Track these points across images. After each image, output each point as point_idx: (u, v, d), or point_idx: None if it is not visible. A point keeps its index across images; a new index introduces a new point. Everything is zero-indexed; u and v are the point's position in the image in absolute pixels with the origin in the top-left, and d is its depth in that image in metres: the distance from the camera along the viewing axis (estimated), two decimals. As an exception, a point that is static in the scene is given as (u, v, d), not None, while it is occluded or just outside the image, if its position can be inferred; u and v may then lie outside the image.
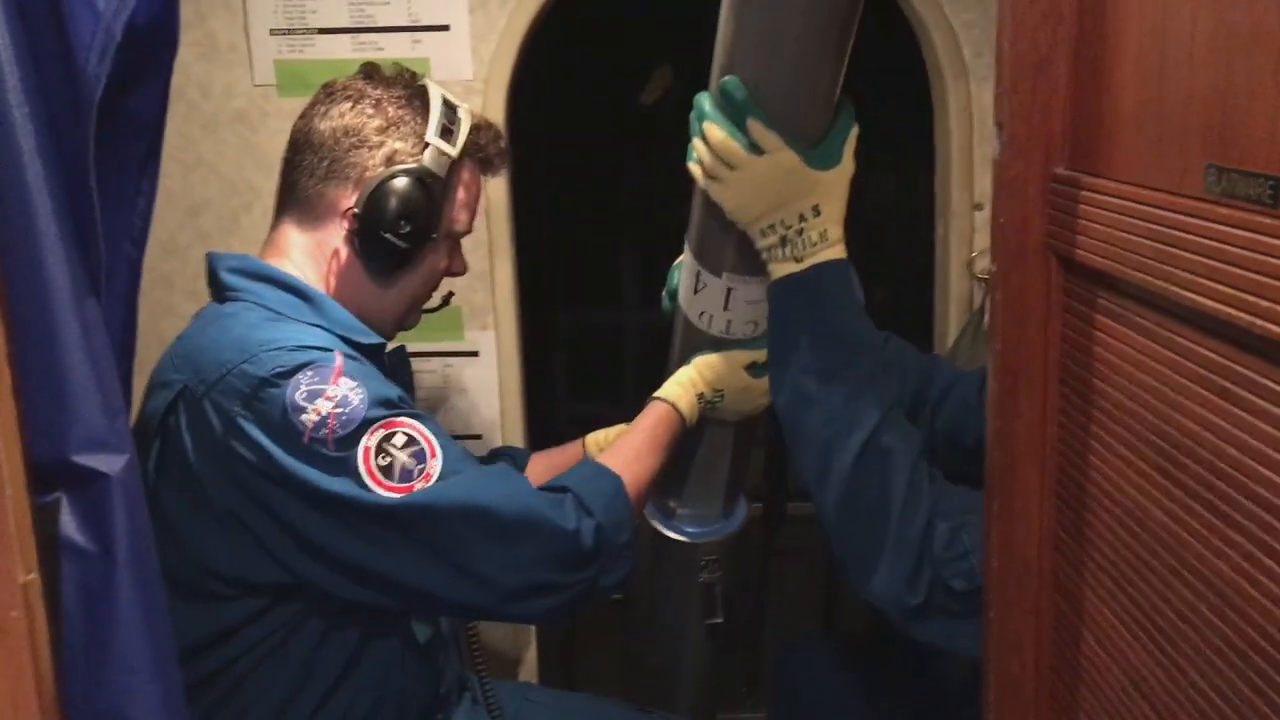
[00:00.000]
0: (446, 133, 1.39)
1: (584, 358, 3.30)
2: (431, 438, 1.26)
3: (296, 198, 1.41)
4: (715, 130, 1.27)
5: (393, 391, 1.30)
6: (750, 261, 1.38)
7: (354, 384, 1.24)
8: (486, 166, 1.48)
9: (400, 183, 1.35)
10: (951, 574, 1.22)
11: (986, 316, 1.76)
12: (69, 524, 1.04)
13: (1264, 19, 0.63)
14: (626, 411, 1.66)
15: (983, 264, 1.86)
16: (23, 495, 0.95)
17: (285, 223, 1.43)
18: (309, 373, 1.23)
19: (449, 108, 1.41)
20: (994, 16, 0.91)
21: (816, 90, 1.26)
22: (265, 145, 1.87)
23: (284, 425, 1.21)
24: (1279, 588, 0.66)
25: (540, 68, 1.96)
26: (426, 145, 1.37)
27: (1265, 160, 0.63)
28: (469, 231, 1.48)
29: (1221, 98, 0.68)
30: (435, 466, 1.24)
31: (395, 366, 1.46)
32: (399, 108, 1.38)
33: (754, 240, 1.31)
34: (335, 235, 1.39)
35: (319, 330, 1.32)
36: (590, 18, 2.41)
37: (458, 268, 1.50)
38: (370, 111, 1.37)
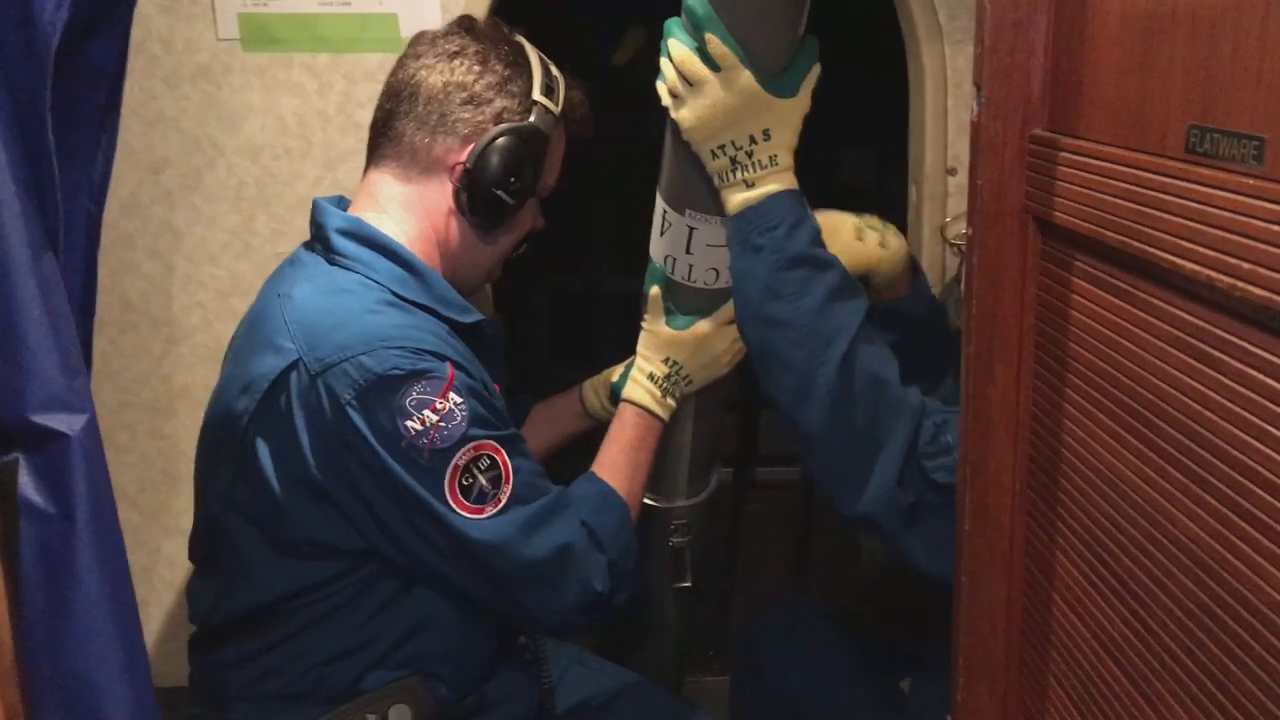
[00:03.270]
0: (549, 91, 1.42)
1: (561, 324, 3.29)
2: (509, 464, 1.32)
3: (400, 148, 1.42)
4: (678, 46, 1.29)
5: (492, 409, 1.34)
6: (712, 199, 1.38)
7: (460, 400, 1.29)
8: (577, 128, 1.50)
9: (513, 140, 1.38)
10: (934, 467, 1.25)
11: (961, 285, 1.76)
12: (27, 484, 1.02)
13: (1251, -24, 0.62)
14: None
15: (956, 229, 1.85)
16: (-21, 455, 0.93)
17: (383, 172, 1.44)
18: (422, 383, 1.27)
19: (546, 66, 1.43)
20: (972, -23, 0.90)
21: (778, 19, 1.27)
22: (228, 101, 1.83)
23: (388, 426, 1.26)
24: (1253, 550, 0.65)
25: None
26: (534, 104, 1.40)
27: (1249, 120, 0.63)
28: (553, 190, 1.51)
29: (1205, 57, 0.67)
30: (505, 493, 1.32)
31: (492, 339, 1.49)
32: (506, 65, 1.40)
33: (706, 165, 1.32)
34: (439, 189, 1.41)
35: (430, 318, 1.36)
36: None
37: (540, 224, 1.54)
38: (479, 68, 1.40)
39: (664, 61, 1.32)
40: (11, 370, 1.00)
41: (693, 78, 1.28)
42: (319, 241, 1.41)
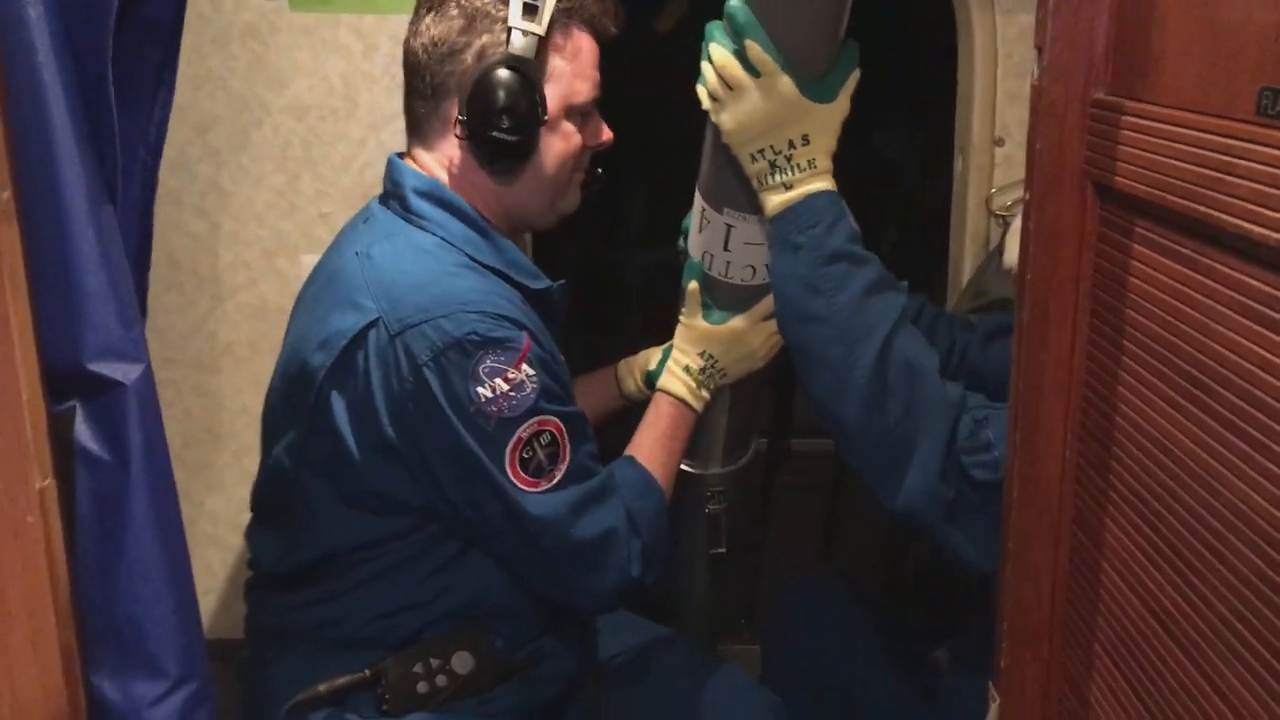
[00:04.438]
0: (530, 10, 1.35)
1: (591, 293, 3.29)
2: (568, 442, 1.34)
3: (414, 123, 1.43)
4: (719, 50, 1.30)
5: (561, 384, 1.36)
6: (749, 198, 1.40)
7: (532, 373, 1.30)
8: (593, 25, 1.42)
9: (491, 77, 1.34)
10: (973, 463, 1.25)
11: (1004, 255, 1.75)
12: (84, 432, 1.04)
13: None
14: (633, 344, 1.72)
15: (1001, 200, 1.84)
16: (39, 402, 0.95)
17: (414, 146, 1.45)
18: (498, 351, 1.28)
19: None
20: (1024, -57, 0.89)
21: (819, 25, 1.28)
22: (275, 61, 1.84)
23: (460, 390, 1.27)
24: (1314, 518, 0.65)
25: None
26: (509, 31, 1.34)
27: (1325, 81, 0.62)
28: (595, 97, 1.44)
29: (1278, 18, 0.66)
30: (560, 470, 1.33)
31: (557, 305, 1.49)
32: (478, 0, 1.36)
33: (746, 167, 1.33)
34: (452, 147, 1.40)
35: (503, 283, 1.37)
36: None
37: (592, 139, 1.47)
38: (454, 13, 1.36)
39: (705, 65, 1.32)
40: (69, 319, 1.02)
41: (733, 82, 1.29)
42: (395, 199, 1.42)
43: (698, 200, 1.50)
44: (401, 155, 1.47)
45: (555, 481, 1.33)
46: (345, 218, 1.53)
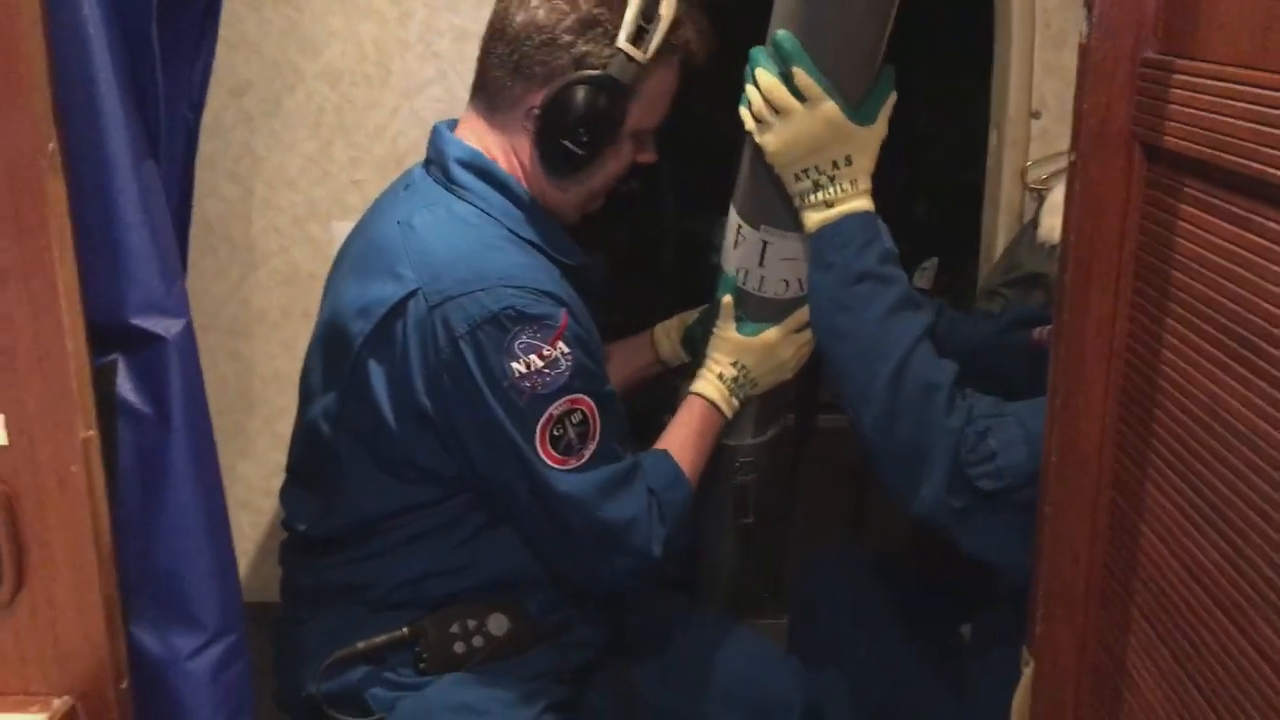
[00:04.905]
0: (640, 34, 1.35)
1: (623, 264, 3.29)
2: (598, 422, 1.35)
3: (486, 86, 1.42)
4: (766, 75, 1.34)
5: (596, 362, 1.38)
6: (786, 215, 1.45)
7: (568, 350, 1.31)
8: (688, 60, 1.43)
9: (583, 90, 1.34)
10: (978, 474, 1.28)
11: (1038, 229, 1.74)
12: (125, 385, 1.05)
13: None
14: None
15: (1037, 174, 1.83)
16: (84, 354, 0.96)
17: (476, 107, 1.45)
18: (535, 327, 1.29)
19: (650, 2, 1.36)
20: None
21: (860, 52, 1.35)
22: (309, 26, 1.84)
23: (495, 364, 1.29)
24: (1365, 476, 0.65)
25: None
26: (616, 52, 1.34)
27: (1388, 32, 0.61)
28: (660, 124, 1.47)
29: (1340, -29, 0.65)
30: (589, 449, 1.35)
31: (594, 280, 1.51)
32: (595, 5, 1.35)
33: (788, 186, 1.38)
34: (519, 130, 1.40)
35: (543, 258, 1.38)
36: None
37: (646, 158, 1.49)
38: (565, 8, 1.35)
39: (750, 89, 1.37)
40: (112, 274, 1.03)
41: (780, 106, 1.34)
42: (438, 167, 1.42)
43: (733, 217, 1.54)
44: (449, 123, 1.47)
45: (584, 460, 1.34)
46: (378, 185, 1.53)
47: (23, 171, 0.91)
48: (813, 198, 1.37)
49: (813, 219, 1.38)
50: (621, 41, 1.34)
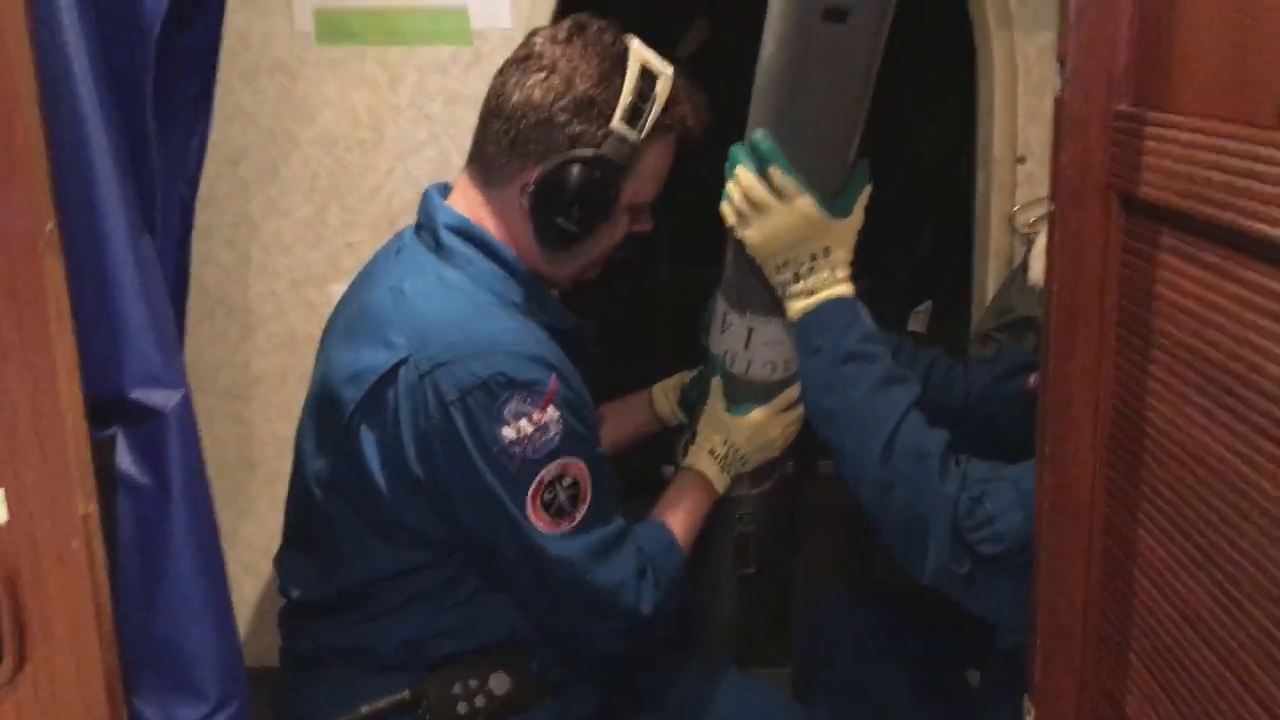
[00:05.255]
0: (635, 114, 1.36)
1: (621, 323, 3.31)
2: (590, 485, 1.36)
3: (482, 158, 1.43)
4: (745, 174, 1.40)
5: (587, 426, 1.38)
6: (770, 303, 1.51)
7: (557, 415, 1.32)
8: (684, 137, 1.45)
9: (577, 169, 1.35)
10: (978, 540, 1.30)
11: (1028, 273, 1.76)
12: (125, 458, 1.06)
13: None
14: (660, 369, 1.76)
15: (1024, 218, 1.85)
16: (82, 428, 0.97)
17: (471, 176, 1.45)
18: (525, 392, 1.30)
19: (646, 81, 1.37)
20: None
21: (834, 151, 1.41)
22: (304, 94, 1.87)
23: (485, 430, 1.30)
24: (1349, 520, 0.65)
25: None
26: (609, 133, 1.36)
27: (1348, 87, 0.63)
28: (655, 198, 1.48)
29: (1300, 26, 0.67)
30: (580, 512, 1.36)
31: (586, 344, 1.53)
32: (590, 85, 1.35)
33: (770, 277, 1.44)
34: (513, 203, 1.41)
35: (533, 322, 1.38)
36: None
37: (642, 228, 1.51)
38: (560, 88, 1.35)
39: (730, 186, 1.42)
40: (111, 347, 1.04)
41: (759, 203, 1.40)
42: (428, 232, 1.43)
43: (719, 303, 1.61)
44: (440, 188, 1.48)
45: (576, 524, 1.35)
46: (372, 248, 1.55)
47: (21, 251, 0.92)
48: (794, 288, 1.42)
49: (795, 307, 1.43)
50: (616, 122, 1.35)
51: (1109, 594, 0.97)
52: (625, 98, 1.36)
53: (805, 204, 1.38)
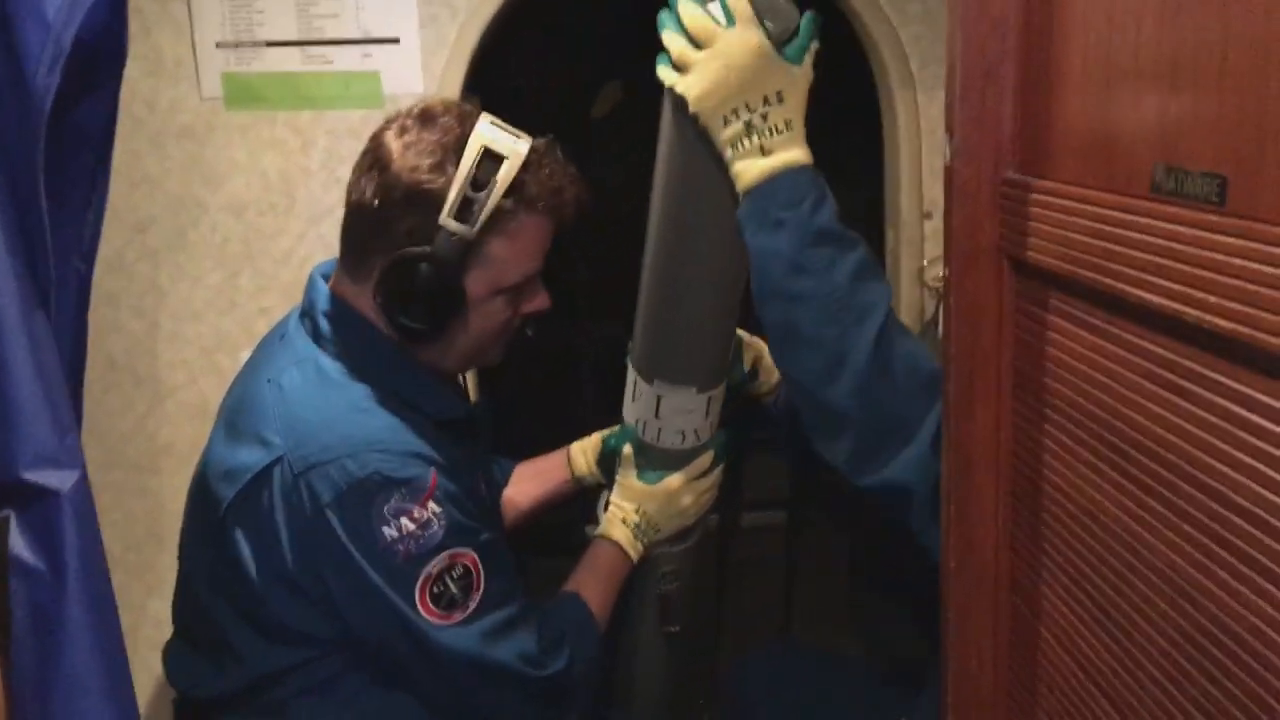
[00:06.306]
0: (466, 206, 1.29)
1: (537, 377, 3.30)
2: (482, 573, 1.33)
3: (343, 253, 1.40)
4: (689, 7, 1.27)
5: (471, 516, 1.34)
6: (679, 370, 1.52)
7: (439, 510, 1.29)
8: (547, 213, 1.37)
9: (407, 267, 1.30)
10: None
11: (940, 327, 1.79)
12: (18, 542, 1.03)
13: (1206, 26, 0.65)
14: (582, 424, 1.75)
15: (933, 272, 1.88)
16: (-29, 514, 0.94)
17: (343, 266, 1.40)
18: (403, 490, 1.28)
19: (487, 165, 1.30)
20: (940, 29, 0.93)
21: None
22: (212, 160, 1.85)
23: (365, 531, 1.27)
24: (1232, 578, 0.67)
25: (491, 82, 1.96)
26: (438, 229, 1.29)
27: (1211, 161, 0.65)
28: (534, 273, 1.40)
29: (1167, 102, 0.70)
30: (474, 600, 1.33)
31: (477, 426, 1.50)
32: (426, 172, 1.30)
33: (717, 139, 1.28)
34: (371, 297, 1.35)
35: (414, 414, 1.34)
36: (541, 32, 2.42)
37: (528, 307, 1.43)
38: (392, 182, 1.30)
39: (667, 35, 1.28)
40: (3, 428, 1.01)
41: (704, 37, 1.25)
42: (310, 319, 1.39)
43: (630, 372, 1.61)
44: (327, 267, 1.45)
45: (469, 613, 1.33)
46: (284, 312, 1.53)
47: (-95, 334, 0.90)
48: (746, 143, 1.26)
49: (749, 171, 1.26)
50: (443, 217, 1.29)
51: (1016, 651, 0.99)
52: (454, 189, 1.29)
53: (757, 35, 1.23)
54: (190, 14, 1.81)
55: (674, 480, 1.61)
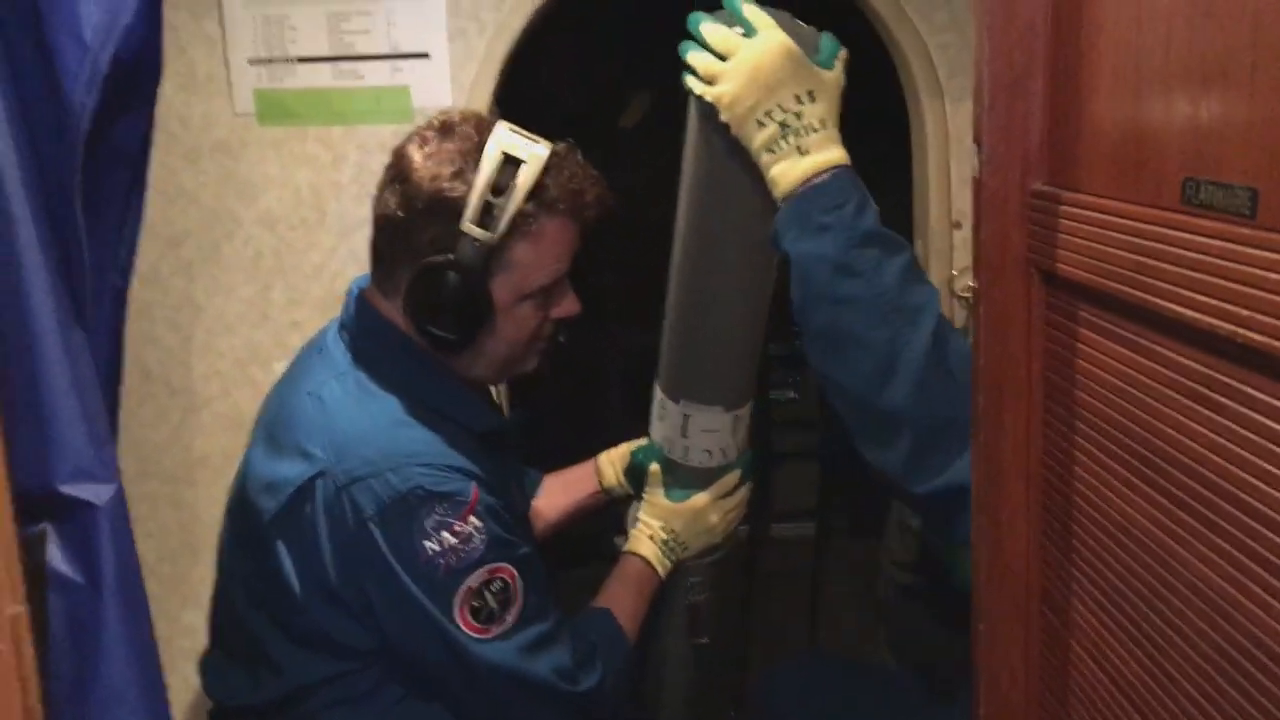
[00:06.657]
0: (487, 212, 1.30)
1: (568, 377, 3.30)
2: (520, 587, 1.34)
3: (374, 266, 1.41)
4: (711, 26, 1.27)
5: (511, 530, 1.36)
6: (706, 390, 1.52)
7: (480, 524, 1.30)
8: (569, 215, 1.37)
9: (433, 276, 1.31)
10: None
11: (971, 337, 1.78)
12: (56, 555, 1.04)
13: (1237, 34, 0.65)
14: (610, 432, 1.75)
15: (963, 282, 1.88)
16: (10, 526, 0.95)
17: (374, 277, 1.42)
18: (445, 504, 1.28)
19: (506, 170, 1.31)
20: (968, 38, 0.93)
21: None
22: (246, 174, 1.87)
23: (407, 544, 1.28)
24: (1265, 593, 0.66)
25: (521, 94, 1.97)
26: (460, 235, 1.30)
27: (1241, 172, 0.65)
28: (561, 275, 1.40)
29: (1197, 112, 0.70)
30: (512, 614, 1.33)
31: (511, 439, 1.52)
32: (447, 179, 1.31)
33: (751, 144, 1.27)
34: (401, 311, 1.37)
35: (453, 426, 1.35)
36: (570, 42, 2.44)
37: (558, 312, 1.43)
38: (413, 191, 1.31)
39: (692, 55, 1.28)
40: (40, 442, 1.03)
41: (730, 49, 1.25)
42: (349, 332, 1.40)
43: (656, 392, 1.61)
44: (365, 280, 1.45)
45: (507, 627, 1.33)
46: (317, 324, 1.54)
47: (-54, 350, 0.91)
48: (782, 144, 1.24)
49: (789, 174, 1.25)
50: (464, 224, 1.30)
51: (1048, 663, 0.98)
52: (474, 197, 1.30)
53: (782, 38, 1.23)
54: (224, 31, 1.84)
55: (701, 499, 1.61)
